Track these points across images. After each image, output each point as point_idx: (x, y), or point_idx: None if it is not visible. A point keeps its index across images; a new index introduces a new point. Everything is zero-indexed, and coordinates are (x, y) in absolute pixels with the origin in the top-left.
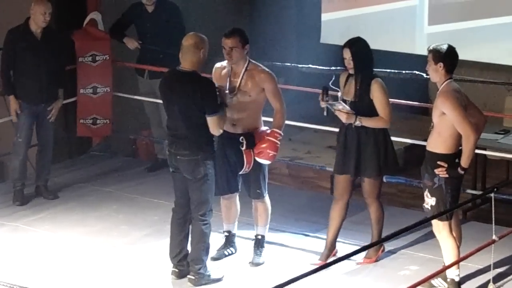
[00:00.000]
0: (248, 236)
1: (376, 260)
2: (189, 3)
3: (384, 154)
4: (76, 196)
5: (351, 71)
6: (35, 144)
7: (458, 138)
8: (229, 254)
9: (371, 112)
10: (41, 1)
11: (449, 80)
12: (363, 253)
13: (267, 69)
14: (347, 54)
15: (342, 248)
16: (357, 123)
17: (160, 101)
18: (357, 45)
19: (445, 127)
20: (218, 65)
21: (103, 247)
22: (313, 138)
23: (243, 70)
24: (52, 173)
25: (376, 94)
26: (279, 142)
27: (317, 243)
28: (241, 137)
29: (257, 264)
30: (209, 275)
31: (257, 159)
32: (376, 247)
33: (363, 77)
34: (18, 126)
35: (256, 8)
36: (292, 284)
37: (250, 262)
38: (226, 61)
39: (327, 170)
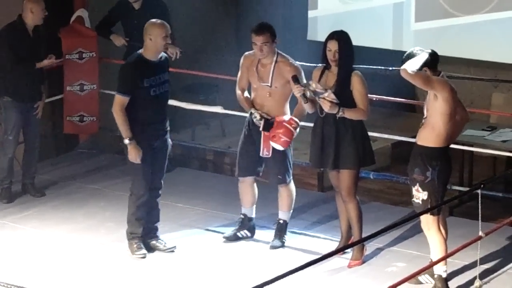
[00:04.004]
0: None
1: (363, 261)
2: (176, 1)
3: (362, 146)
4: (63, 193)
5: (333, 64)
6: (21, 141)
7: (451, 131)
8: (243, 237)
9: (350, 104)
10: None
11: (440, 76)
12: (349, 256)
13: (294, 63)
14: (333, 46)
15: (333, 246)
16: (340, 113)
17: None
18: (344, 38)
19: (438, 119)
20: (247, 54)
21: (90, 244)
22: (300, 135)
23: (273, 63)
24: (39, 171)
25: (357, 86)
26: (294, 130)
27: (305, 240)
28: (260, 120)
29: (275, 247)
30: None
31: (271, 143)
32: (360, 248)
33: (345, 69)
34: (7, 124)
35: (243, 6)
36: (277, 282)
37: (270, 245)
38: (254, 52)
39: None
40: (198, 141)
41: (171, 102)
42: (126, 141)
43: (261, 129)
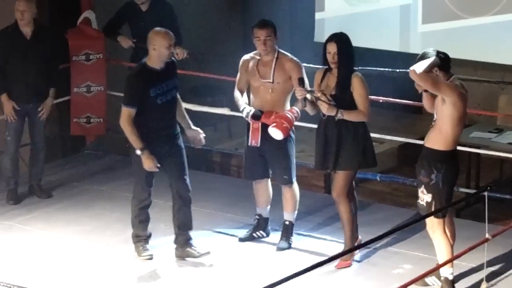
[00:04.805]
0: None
1: (352, 261)
2: (183, 2)
3: (363, 148)
4: (70, 195)
5: (333, 66)
6: (27, 143)
7: (458, 135)
8: (259, 237)
9: (351, 106)
10: None
11: (452, 78)
12: (356, 258)
13: (295, 58)
14: (332, 48)
15: (339, 248)
16: (339, 116)
17: None
18: (343, 40)
19: (446, 122)
20: (246, 57)
21: (96, 246)
22: (306, 137)
23: (275, 59)
24: (45, 172)
25: (357, 87)
26: (295, 119)
27: (311, 242)
28: (250, 110)
29: (282, 249)
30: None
31: (271, 129)
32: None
33: (345, 71)
34: (7, 125)
35: (250, 7)
36: (284, 284)
37: (276, 247)
38: (253, 53)
39: None
40: (205, 143)
41: None
42: (138, 152)
43: (250, 116)
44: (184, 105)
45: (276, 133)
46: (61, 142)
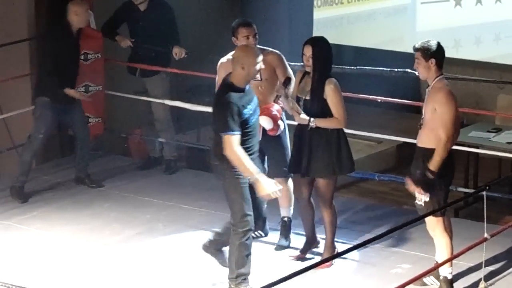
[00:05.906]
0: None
1: (332, 264)
2: (181, 1)
3: (337, 154)
4: (68, 194)
5: (308, 68)
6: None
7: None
8: (257, 237)
9: (324, 111)
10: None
11: (441, 76)
12: (356, 257)
13: (275, 50)
14: (308, 51)
15: (338, 247)
16: (311, 125)
17: (152, 100)
18: (320, 44)
19: (438, 123)
20: (224, 59)
21: (95, 245)
22: None
23: None
24: (43, 171)
25: (330, 94)
26: (277, 109)
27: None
28: None
29: (282, 247)
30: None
31: (261, 119)
32: (330, 251)
33: (319, 76)
34: (41, 122)
35: (248, 6)
36: (283, 283)
37: (276, 245)
38: (231, 54)
39: None
40: (203, 143)
41: (176, 103)
42: (255, 177)
43: None
44: (184, 104)
45: (266, 121)
46: (60, 142)
